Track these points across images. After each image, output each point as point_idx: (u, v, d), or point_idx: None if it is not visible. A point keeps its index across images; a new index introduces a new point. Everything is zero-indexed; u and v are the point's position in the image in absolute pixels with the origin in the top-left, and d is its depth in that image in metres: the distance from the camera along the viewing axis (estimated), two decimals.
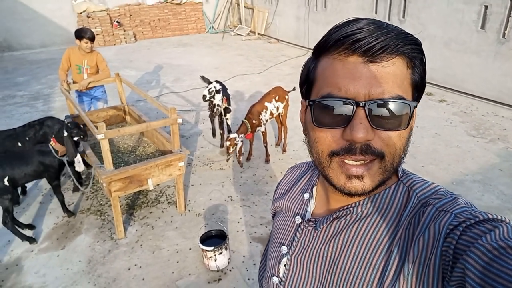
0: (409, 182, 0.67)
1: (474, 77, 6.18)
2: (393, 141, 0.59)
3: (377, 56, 0.57)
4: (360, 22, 0.59)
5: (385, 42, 0.56)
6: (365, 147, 0.58)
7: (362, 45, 0.56)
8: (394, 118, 0.58)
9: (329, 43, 0.60)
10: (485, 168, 4.22)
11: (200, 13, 13.21)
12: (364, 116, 0.57)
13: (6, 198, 3.13)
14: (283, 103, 4.58)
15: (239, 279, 2.90)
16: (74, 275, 2.98)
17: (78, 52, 4.40)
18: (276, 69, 8.53)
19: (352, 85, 0.58)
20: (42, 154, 3.28)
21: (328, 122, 0.60)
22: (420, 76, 0.62)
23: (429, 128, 5.27)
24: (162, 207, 3.76)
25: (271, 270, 0.80)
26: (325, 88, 0.61)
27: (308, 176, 0.86)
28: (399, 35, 0.58)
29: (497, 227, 0.51)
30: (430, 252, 0.55)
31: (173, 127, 3.33)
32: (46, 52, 10.91)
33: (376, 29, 0.58)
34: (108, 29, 11.61)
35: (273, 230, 0.88)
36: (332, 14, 9.06)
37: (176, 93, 7.24)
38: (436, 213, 0.58)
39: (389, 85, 0.57)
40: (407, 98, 0.59)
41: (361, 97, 0.57)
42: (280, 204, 0.88)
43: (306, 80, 0.68)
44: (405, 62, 0.59)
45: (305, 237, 0.74)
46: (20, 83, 8.13)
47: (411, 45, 0.59)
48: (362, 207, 0.66)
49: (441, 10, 6.41)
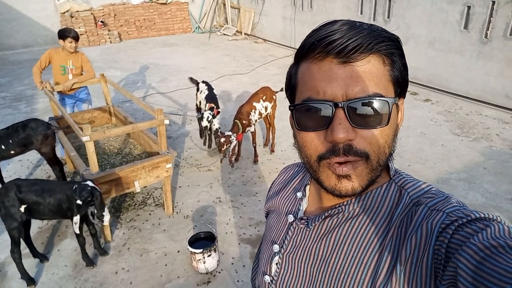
0: (401, 181, 0.67)
1: (458, 77, 6.28)
2: (375, 139, 0.60)
3: (350, 56, 0.57)
4: (334, 24, 0.60)
5: (357, 42, 0.57)
6: (347, 147, 0.58)
7: (335, 46, 0.57)
8: (374, 116, 0.59)
9: (306, 48, 0.62)
10: (470, 167, 4.29)
11: (186, 13, 13.13)
12: (343, 116, 0.58)
13: (14, 227, 2.77)
14: (271, 103, 4.58)
15: (229, 281, 2.88)
16: (60, 280, 2.92)
17: (62, 53, 4.31)
18: (264, 69, 8.53)
19: (329, 87, 0.58)
20: (72, 189, 2.81)
21: (311, 125, 0.61)
22: (400, 72, 0.62)
23: (415, 127, 5.34)
24: (150, 210, 3.72)
25: (263, 269, 0.80)
26: (305, 92, 0.62)
27: (302, 175, 0.86)
28: (372, 33, 0.59)
29: (489, 226, 0.51)
30: (422, 251, 0.56)
31: (159, 128, 3.30)
32: (29, 53, 10.69)
33: (349, 29, 0.58)
34: (92, 29, 11.45)
35: (266, 229, 0.88)
36: (318, 14, 9.10)
37: (163, 93, 7.18)
38: (428, 212, 0.59)
39: (365, 84, 0.58)
40: (387, 95, 0.60)
41: (339, 98, 0.58)
42: (273, 203, 0.88)
43: (289, 86, 0.69)
44: (381, 59, 0.60)
45: (297, 235, 0.74)
46: (2, 84, 7.95)
47: (386, 41, 0.60)
48: (354, 206, 0.67)
49: (426, 10, 6.50)
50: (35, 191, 2.81)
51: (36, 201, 2.80)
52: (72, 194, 2.74)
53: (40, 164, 4.62)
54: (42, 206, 2.81)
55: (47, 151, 3.76)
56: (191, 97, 6.62)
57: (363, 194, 0.66)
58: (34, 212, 2.84)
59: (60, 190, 2.86)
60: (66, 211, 2.87)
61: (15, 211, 2.75)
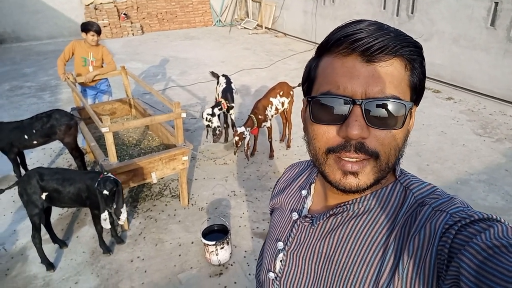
0: (406, 182, 0.68)
1: (482, 75, 6.10)
2: (388, 140, 0.60)
3: (375, 56, 0.58)
4: (361, 23, 0.61)
5: (383, 43, 0.58)
6: (359, 145, 0.59)
7: (361, 44, 0.58)
8: (390, 117, 0.59)
9: (330, 42, 0.62)
10: (491, 168, 4.19)
11: (207, 6, 13.17)
12: (360, 114, 0.58)
13: (35, 213, 2.86)
14: (288, 99, 4.57)
15: (240, 274, 2.92)
16: (78, 266, 3.02)
17: (84, 45, 4.41)
18: (283, 63, 8.50)
19: (350, 83, 0.59)
20: (92, 179, 2.92)
21: (326, 119, 0.61)
22: (419, 79, 0.63)
23: (435, 126, 5.23)
24: (166, 201, 3.79)
25: (267, 266, 0.82)
26: (324, 85, 0.62)
27: (307, 173, 0.87)
28: (398, 37, 0.59)
29: (492, 226, 0.51)
30: (425, 250, 0.56)
31: (177, 121, 3.34)
32: (54, 44, 10.96)
33: (376, 30, 0.59)
34: (115, 21, 11.63)
35: (271, 226, 0.89)
36: (340, 8, 8.98)
37: (182, 86, 7.25)
38: (432, 212, 0.59)
39: (386, 85, 0.59)
40: (404, 99, 0.60)
41: (358, 96, 0.59)
42: (278, 201, 0.89)
43: (307, 78, 0.69)
44: (403, 63, 0.61)
45: (301, 233, 0.75)
46: (27, 74, 8.19)
47: (410, 47, 0.60)
48: (358, 205, 0.67)
49: (450, 6, 6.33)
50: (56, 180, 2.90)
51: (56, 189, 2.89)
52: (96, 186, 2.80)
53: (62, 153, 4.76)
54: (62, 194, 2.90)
55: (69, 141, 3.87)
56: (209, 91, 6.67)
57: (369, 193, 0.67)
58: (54, 200, 2.93)
59: (80, 179, 2.94)
60: (85, 200, 2.95)
61: (37, 198, 2.84)
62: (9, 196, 3.87)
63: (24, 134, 3.69)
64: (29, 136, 3.70)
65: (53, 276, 2.92)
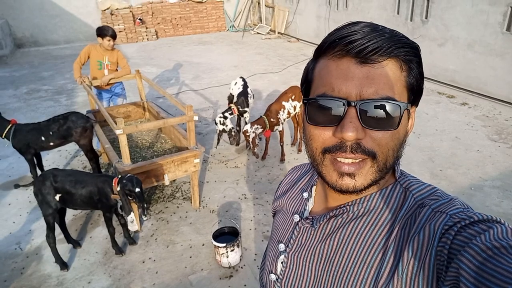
0: (406, 183, 0.68)
1: (497, 80, 6.02)
2: (385, 141, 0.60)
3: (369, 57, 0.58)
4: (356, 25, 0.61)
5: (377, 44, 0.58)
6: (355, 145, 0.59)
7: (355, 46, 0.58)
8: (385, 118, 0.59)
9: (326, 45, 0.63)
10: (506, 174, 4.12)
11: (221, 12, 13.30)
12: (355, 115, 0.59)
13: (49, 214, 2.92)
14: (300, 103, 4.58)
15: (250, 276, 2.93)
16: (91, 266, 3.07)
17: (99, 49, 4.50)
18: (295, 68, 8.51)
19: (344, 85, 0.59)
20: (103, 182, 2.97)
21: (322, 120, 0.62)
22: (416, 79, 0.63)
23: (449, 131, 5.17)
24: (178, 203, 3.83)
25: (269, 267, 0.82)
26: (320, 87, 0.63)
27: (309, 176, 0.87)
28: (392, 38, 0.60)
29: (491, 227, 0.51)
30: (425, 252, 0.56)
31: (189, 124, 3.38)
32: (71, 48, 11.20)
33: (370, 31, 0.59)
34: (130, 26, 11.82)
35: (273, 228, 0.90)
36: (354, 13, 8.97)
37: (195, 90, 7.32)
38: (432, 213, 0.59)
39: (381, 86, 0.59)
40: (400, 100, 0.60)
41: (352, 97, 0.59)
42: (280, 203, 0.90)
43: (305, 81, 0.70)
44: (399, 64, 0.61)
45: (302, 235, 0.76)
46: (45, 78, 8.38)
47: (405, 48, 0.60)
48: (358, 206, 0.68)
49: (465, 11, 6.27)
50: (69, 182, 2.95)
51: (69, 191, 2.94)
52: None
53: (78, 155, 4.85)
54: (74, 196, 2.95)
55: (85, 143, 3.95)
56: (222, 95, 6.72)
57: (368, 194, 0.67)
58: (67, 202, 2.99)
59: (92, 182, 2.98)
60: (96, 203, 3.00)
61: (51, 199, 2.91)
62: (26, 196, 3.97)
63: (41, 135, 3.77)
64: (46, 137, 3.78)
65: (66, 276, 2.98)
